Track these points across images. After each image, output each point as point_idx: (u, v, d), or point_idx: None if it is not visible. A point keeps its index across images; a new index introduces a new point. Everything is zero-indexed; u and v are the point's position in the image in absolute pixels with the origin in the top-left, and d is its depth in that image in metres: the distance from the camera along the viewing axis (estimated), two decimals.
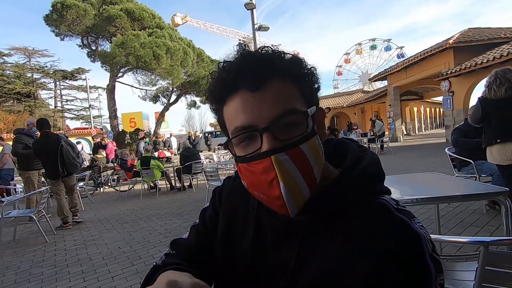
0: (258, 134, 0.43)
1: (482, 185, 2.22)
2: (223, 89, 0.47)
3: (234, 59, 0.47)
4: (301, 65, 0.49)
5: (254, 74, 0.44)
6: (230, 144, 0.48)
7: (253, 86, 0.44)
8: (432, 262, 0.41)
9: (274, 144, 0.43)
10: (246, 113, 0.44)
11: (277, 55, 0.47)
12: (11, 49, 27.09)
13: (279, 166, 0.42)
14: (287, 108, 0.44)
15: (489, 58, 9.40)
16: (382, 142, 11.74)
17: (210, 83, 0.49)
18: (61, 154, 4.42)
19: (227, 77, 0.46)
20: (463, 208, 3.64)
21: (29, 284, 2.76)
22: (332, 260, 0.44)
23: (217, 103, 0.49)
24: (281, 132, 0.43)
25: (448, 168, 4.35)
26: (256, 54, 0.47)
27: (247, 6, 9.48)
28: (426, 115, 30.35)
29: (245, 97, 0.44)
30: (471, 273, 1.29)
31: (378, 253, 0.41)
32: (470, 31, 12.96)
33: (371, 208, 0.46)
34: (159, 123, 17.34)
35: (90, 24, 13.76)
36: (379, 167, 0.50)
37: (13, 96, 26.52)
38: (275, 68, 0.45)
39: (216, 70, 0.49)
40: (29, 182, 4.90)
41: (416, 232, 0.42)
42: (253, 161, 0.44)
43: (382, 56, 39.33)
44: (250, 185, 0.47)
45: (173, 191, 7.18)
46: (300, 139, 0.44)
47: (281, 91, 0.44)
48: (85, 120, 30.43)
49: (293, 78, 0.46)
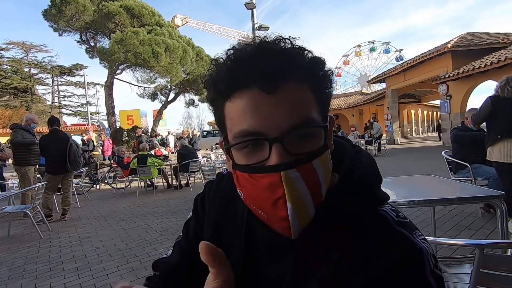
0: (267, 144, 0.38)
1: (478, 188, 2.23)
2: (231, 82, 0.39)
3: (248, 48, 0.40)
4: (322, 67, 0.42)
5: (272, 72, 0.37)
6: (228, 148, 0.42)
7: (269, 87, 0.37)
8: (434, 279, 0.37)
9: (284, 158, 0.37)
10: (256, 118, 0.38)
11: (297, 52, 0.40)
12: (8, 43, 26.92)
13: (289, 184, 0.37)
14: (304, 118, 0.38)
15: (487, 63, 9.47)
16: (380, 144, 11.79)
17: (215, 71, 0.42)
18: (69, 152, 4.69)
19: (238, 70, 0.39)
20: (458, 211, 3.66)
21: (23, 280, 2.74)
22: (329, 279, 0.40)
23: (220, 96, 0.42)
24: (294, 144, 0.38)
25: (444, 171, 4.38)
26: (276, 47, 0.40)
27: (247, 6, 9.47)
28: (423, 118, 30.54)
29: (257, 97, 0.38)
30: (466, 275, 1.29)
31: (376, 270, 0.38)
32: (468, 35, 13.06)
33: (370, 221, 0.42)
34: (157, 121, 17.29)
35: (89, 20, 13.67)
36: (376, 171, 0.47)
37: (10, 91, 26.34)
38: (294, 68, 0.39)
39: (222, 57, 0.41)
40: (25, 178, 4.87)
41: (417, 246, 0.39)
42: (257, 173, 0.39)
43: (381, 59, 39.49)
44: (249, 199, 0.41)
45: (170, 190, 7.16)
46: (313, 154, 0.39)
47: (297, 96, 0.39)
48: (83, 117, 30.27)
49: (311, 81, 0.40)
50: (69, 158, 4.69)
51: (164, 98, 17.72)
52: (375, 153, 11.46)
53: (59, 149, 4.64)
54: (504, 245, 1.31)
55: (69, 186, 4.96)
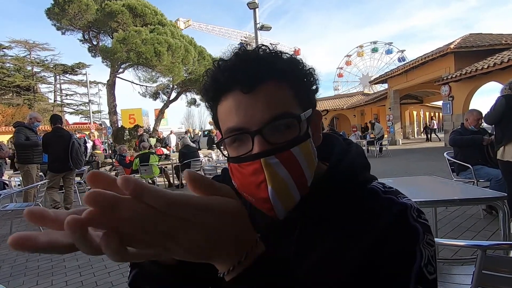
0: (249, 136, 0.43)
1: (480, 190, 2.23)
2: (216, 89, 0.46)
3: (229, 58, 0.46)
4: (299, 66, 0.48)
5: (248, 75, 0.43)
6: (223, 143, 0.48)
7: (246, 88, 0.43)
8: (419, 224, 0.43)
9: (264, 147, 0.42)
10: (238, 115, 0.44)
11: (274, 55, 0.46)
12: (11, 42, 27.03)
13: (268, 169, 0.42)
14: (280, 111, 0.43)
15: (489, 64, 9.42)
16: (381, 145, 11.76)
17: (205, 81, 0.49)
18: (72, 150, 4.70)
19: (220, 77, 0.45)
20: (460, 213, 3.65)
21: (25, 277, 2.75)
22: (330, 248, 0.45)
23: (211, 102, 0.49)
24: (272, 135, 0.43)
25: (446, 172, 4.37)
26: (252, 54, 0.46)
27: (250, 5, 9.47)
28: (425, 119, 30.44)
29: (237, 98, 0.44)
30: (467, 277, 1.29)
31: (370, 232, 0.43)
32: (471, 36, 12.99)
33: (361, 196, 0.48)
34: (159, 120, 17.31)
35: (91, 19, 13.71)
36: (364, 158, 0.52)
37: (13, 89, 26.44)
38: (270, 69, 0.44)
39: (212, 68, 0.48)
40: (28, 176, 4.90)
41: (400, 203, 0.45)
42: (243, 162, 0.44)
43: (383, 59, 39.43)
44: (240, 186, 0.46)
45: (171, 188, 7.17)
46: (291, 143, 0.43)
47: (275, 93, 0.44)
48: (85, 115, 30.36)
49: (289, 79, 0.46)
50: (71, 156, 4.70)
51: (165, 97, 17.74)
52: (377, 154, 11.43)
53: (61, 147, 4.64)
54: (506, 246, 1.30)
55: (71, 184, 4.97)
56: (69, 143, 4.70)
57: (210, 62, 5.00)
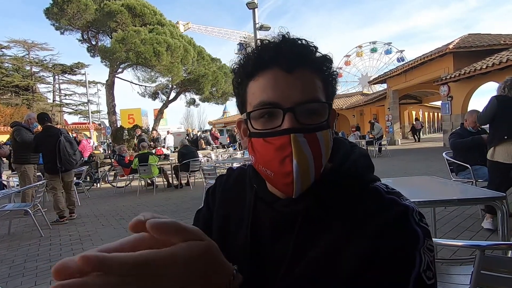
0: (281, 112, 0.45)
1: (479, 190, 2.23)
2: (256, 65, 0.48)
3: (273, 40, 0.49)
4: (331, 66, 0.51)
5: (293, 55, 0.46)
6: (248, 118, 0.49)
7: (289, 67, 0.46)
8: (420, 228, 0.43)
9: (295, 124, 0.45)
10: (275, 91, 0.46)
11: (313, 47, 0.49)
12: (10, 41, 26.93)
13: (296, 144, 0.44)
14: (314, 96, 0.46)
15: (488, 64, 9.44)
16: (380, 145, 11.77)
17: (243, 58, 0.50)
18: (58, 150, 4.40)
19: (264, 54, 0.47)
20: (459, 213, 3.65)
21: (23, 278, 2.74)
22: (329, 246, 0.45)
23: (246, 78, 0.50)
24: (303, 116, 0.46)
25: (445, 172, 4.38)
26: (297, 40, 0.48)
27: (249, 5, 9.48)
28: (424, 119, 30.48)
29: (278, 74, 0.46)
30: (466, 277, 1.29)
31: (371, 231, 0.44)
32: (470, 36, 13.02)
33: (365, 194, 0.48)
34: (158, 120, 17.29)
35: (90, 19, 13.68)
36: (368, 159, 0.55)
37: (11, 89, 26.35)
38: (310, 58, 0.48)
39: (253, 47, 0.50)
40: (25, 176, 4.87)
41: (403, 205, 0.46)
42: (271, 136, 0.46)
43: (382, 59, 39.40)
44: (261, 161, 0.48)
45: (170, 189, 7.17)
46: (318, 127, 0.46)
47: (310, 79, 0.47)
48: (84, 115, 30.28)
49: (321, 73, 0.49)
50: (60, 157, 4.41)
51: (165, 97, 17.72)
52: (376, 154, 11.45)
53: (50, 147, 4.41)
54: (504, 246, 1.30)
55: (70, 187, 4.77)
56: (56, 143, 4.41)
57: (209, 62, 5.01)
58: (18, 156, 4.87)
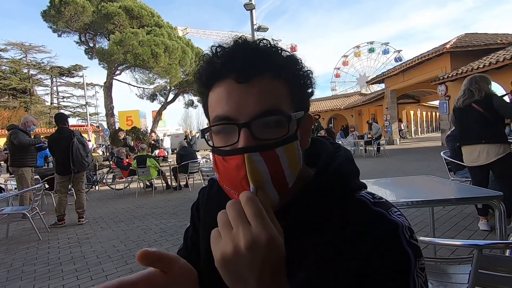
0: (237, 128, 0.41)
1: (477, 189, 2.24)
2: (211, 75, 0.44)
3: (228, 45, 0.45)
4: (297, 66, 0.46)
5: (244, 65, 0.41)
6: (210, 133, 0.46)
7: (241, 78, 0.41)
8: (410, 248, 0.41)
9: (250, 142, 0.41)
10: (229, 104, 0.42)
11: (273, 50, 0.45)
12: (7, 44, 26.88)
13: (250, 165, 0.40)
14: (271, 107, 0.41)
15: (485, 64, 9.49)
16: (379, 144, 11.80)
17: (201, 66, 0.47)
18: (71, 151, 4.45)
19: (216, 63, 0.44)
20: (457, 212, 3.66)
21: (21, 282, 2.73)
22: (317, 265, 0.43)
23: (204, 88, 0.47)
24: (260, 131, 0.41)
25: (443, 171, 4.39)
26: (251, 44, 0.44)
27: (246, 7, 9.49)
28: (422, 118, 30.58)
29: (231, 87, 0.42)
30: (464, 276, 1.30)
31: (359, 250, 0.41)
32: (467, 36, 13.08)
33: (349, 207, 0.45)
34: (156, 122, 17.29)
35: (88, 21, 13.68)
36: (352, 164, 0.51)
37: (9, 91, 26.29)
38: (268, 63, 0.43)
39: (208, 52, 0.46)
40: (22, 179, 4.85)
41: (392, 221, 0.43)
42: (227, 155, 0.42)
43: (380, 59, 39.58)
44: (223, 179, 0.45)
45: (169, 190, 7.15)
46: (277, 142, 0.41)
47: (269, 88, 0.42)
48: (82, 118, 30.24)
49: (286, 77, 0.44)
50: (72, 158, 4.46)
51: (163, 98, 17.74)
52: (374, 154, 11.47)
53: (63, 148, 4.44)
54: (502, 245, 1.31)
55: (81, 188, 4.71)
56: (70, 144, 4.44)
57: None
58: (15, 159, 4.85)
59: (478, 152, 2.82)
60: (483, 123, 2.79)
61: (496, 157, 2.74)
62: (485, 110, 2.75)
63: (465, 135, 2.96)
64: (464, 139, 2.97)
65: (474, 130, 2.85)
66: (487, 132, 2.79)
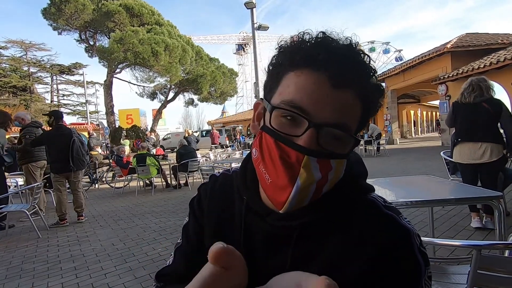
0: (306, 124, 0.41)
1: (476, 189, 2.24)
2: (308, 59, 0.42)
3: (340, 41, 0.43)
4: (379, 97, 0.46)
5: (345, 72, 0.41)
6: (270, 109, 0.44)
7: (336, 82, 0.40)
8: (421, 256, 0.42)
9: (313, 144, 0.40)
10: (311, 98, 0.41)
11: (370, 71, 0.44)
12: (7, 42, 26.79)
13: (307, 168, 0.40)
14: (346, 123, 0.42)
15: (486, 63, 9.48)
16: (379, 144, 11.80)
17: (296, 44, 0.44)
18: (72, 149, 4.41)
19: (321, 53, 0.41)
20: (456, 212, 3.66)
21: (20, 279, 2.73)
22: (326, 263, 0.44)
23: (289, 64, 0.43)
24: (325, 138, 0.41)
25: (443, 171, 4.39)
26: (359, 57, 0.43)
27: (247, 5, 9.47)
28: (423, 118, 30.56)
29: (322, 84, 0.40)
30: (463, 276, 1.29)
31: (371, 249, 0.42)
32: (467, 36, 13.06)
33: (361, 207, 0.46)
34: (156, 120, 17.29)
35: (88, 19, 13.66)
36: (362, 165, 0.52)
37: (9, 89, 26.24)
38: (362, 83, 0.42)
39: (319, 36, 0.43)
40: (29, 176, 4.75)
41: (405, 227, 0.44)
42: (287, 145, 0.41)
43: (380, 59, 39.49)
44: (263, 161, 0.44)
45: (169, 189, 7.15)
46: (335, 155, 0.42)
47: (351, 104, 0.42)
48: (82, 116, 30.18)
49: (365, 102, 0.44)
50: (72, 156, 4.40)
51: (163, 97, 17.73)
52: (374, 153, 11.47)
53: (61, 146, 4.36)
54: (501, 246, 1.30)
55: (78, 187, 4.64)
56: (70, 142, 4.39)
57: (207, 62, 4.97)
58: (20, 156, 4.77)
59: (483, 150, 2.83)
60: (492, 122, 2.83)
61: (497, 157, 2.78)
62: (494, 111, 2.80)
63: (470, 132, 2.91)
64: (469, 136, 2.93)
65: (482, 127, 2.84)
66: (495, 131, 2.84)
